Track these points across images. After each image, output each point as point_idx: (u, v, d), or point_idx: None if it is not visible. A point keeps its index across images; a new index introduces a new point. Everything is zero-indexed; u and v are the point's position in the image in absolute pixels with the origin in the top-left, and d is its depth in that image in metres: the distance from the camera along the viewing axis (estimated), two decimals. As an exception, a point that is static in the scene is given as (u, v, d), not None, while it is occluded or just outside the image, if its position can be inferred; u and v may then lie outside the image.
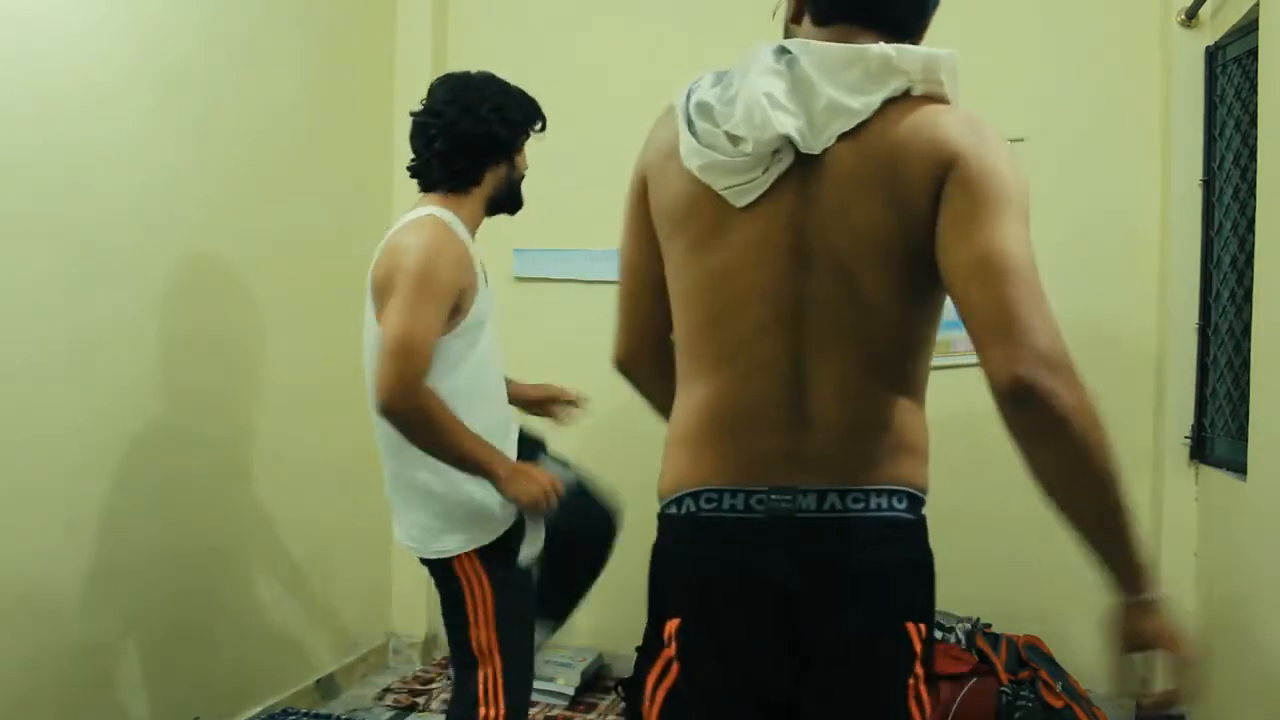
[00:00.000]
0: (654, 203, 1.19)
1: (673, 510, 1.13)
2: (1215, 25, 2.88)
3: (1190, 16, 2.91)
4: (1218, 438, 2.85)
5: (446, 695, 3.02)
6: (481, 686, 1.97)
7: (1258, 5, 2.41)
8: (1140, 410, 3.04)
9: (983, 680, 2.73)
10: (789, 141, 1.07)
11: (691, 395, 1.14)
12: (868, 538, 1.07)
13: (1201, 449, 2.92)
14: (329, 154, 3.24)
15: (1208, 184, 2.91)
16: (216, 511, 2.75)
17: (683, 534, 1.12)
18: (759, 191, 1.09)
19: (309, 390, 3.15)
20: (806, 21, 1.19)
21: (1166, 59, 3.02)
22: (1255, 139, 2.51)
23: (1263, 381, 2.30)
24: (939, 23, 1.23)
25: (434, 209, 2.00)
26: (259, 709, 2.93)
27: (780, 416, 1.09)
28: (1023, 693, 2.79)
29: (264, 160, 2.92)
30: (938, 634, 2.91)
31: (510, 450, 2.05)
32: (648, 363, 1.29)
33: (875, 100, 1.07)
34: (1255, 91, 2.49)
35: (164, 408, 2.56)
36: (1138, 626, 1.01)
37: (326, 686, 3.26)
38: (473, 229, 2.07)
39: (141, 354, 2.47)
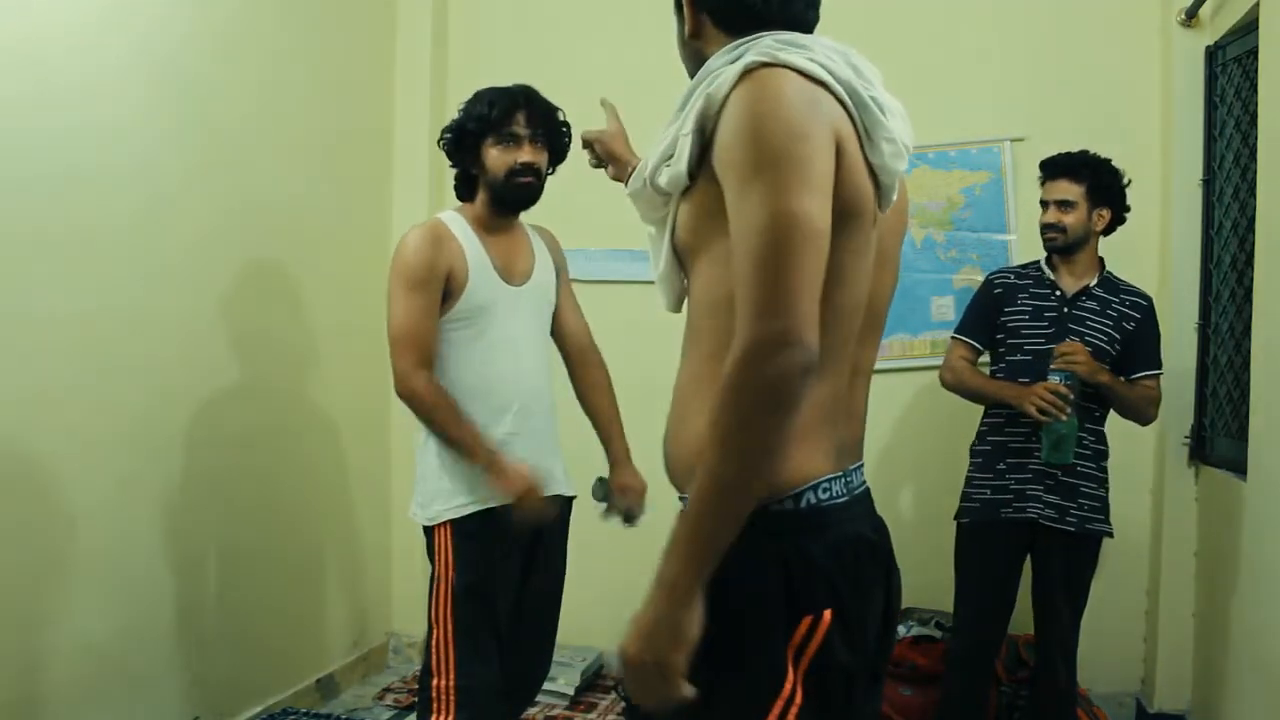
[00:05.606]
0: (839, 183, 1.09)
1: (789, 506, 1.11)
2: (1215, 25, 2.89)
3: (1190, 16, 2.91)
4: (1218, 438, 2.85)
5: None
6: (433, 655, 2.05)
7: (1258, 5, 2.42)
8: (1140, 410, 3.04)
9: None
10: None
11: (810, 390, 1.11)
12: (872, 502, 1.27)
13: (1201, 449, 2.92)
14: (329, 151, 3.23)
15: (1208, 184, 2.92)
16: (217, 512, 2.74)
17: (811, 527, 1.12)
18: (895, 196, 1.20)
19: (309, 390, 3.15)
20: (711, 31, 1.23)
21: (1166, 59, 3.03)
22: (1255, 139, 2.51)
23: (1262, 381, 2.30)
24: (938, 23, 1.24)
25: (444, 212, 2.17)
26: (259, 709, 2.93)
27: (844, 408, 1.21)
28: (1022, 693, 2.80)
29: (262, 155, 2.91)
30: (938, 634, 2.92)
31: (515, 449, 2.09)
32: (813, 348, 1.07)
33: None
34: (1255, 91, 2.50)
35: (163, 407, 2.55)
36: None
37: (326, 686, 3.25)
38: (487, 226, 2.16)
39: (136, 349, 2.46)
